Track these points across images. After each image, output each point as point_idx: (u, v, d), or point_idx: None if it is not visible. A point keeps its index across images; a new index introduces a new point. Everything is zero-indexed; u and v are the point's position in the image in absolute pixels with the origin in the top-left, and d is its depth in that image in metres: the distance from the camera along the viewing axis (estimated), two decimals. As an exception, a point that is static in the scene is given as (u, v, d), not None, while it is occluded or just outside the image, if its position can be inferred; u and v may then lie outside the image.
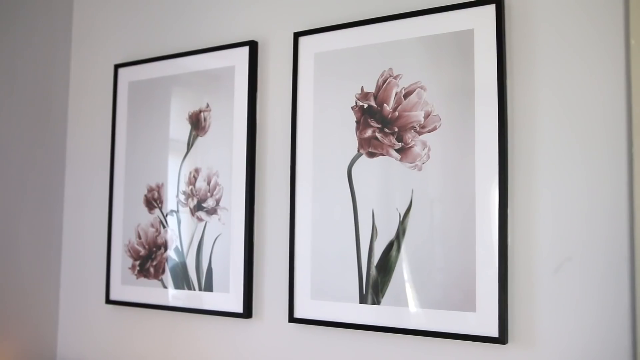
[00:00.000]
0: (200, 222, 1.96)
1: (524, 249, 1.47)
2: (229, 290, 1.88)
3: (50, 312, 2.28)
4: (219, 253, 1.91)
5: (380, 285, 1.62)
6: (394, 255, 1.61)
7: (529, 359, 1.44)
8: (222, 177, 1.93)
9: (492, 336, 1.47)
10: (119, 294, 2.13)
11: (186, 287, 1.97)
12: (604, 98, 1.41)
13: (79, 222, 2.30)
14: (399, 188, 1.62)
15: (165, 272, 2.03)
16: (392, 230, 1.62)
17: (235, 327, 1.88)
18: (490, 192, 1.49)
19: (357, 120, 1.70)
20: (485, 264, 1.48)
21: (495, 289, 1.47)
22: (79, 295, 2.26)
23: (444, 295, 1.54)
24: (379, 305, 1.62)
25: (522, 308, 1.46)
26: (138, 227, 2.11)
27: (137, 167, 2.14)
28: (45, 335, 2.26)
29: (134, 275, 2.10)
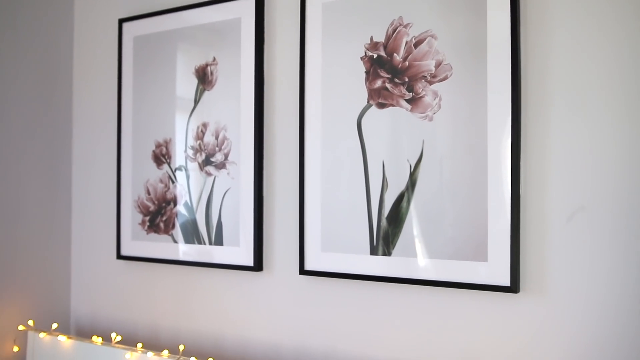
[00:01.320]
0: (209, 177, 1.96)
1: (537, 199, 1.46)
2: (239, 244, 1.88)
3: (63, 269, 2.30)
4: (228, 207, 1.91)
5: (391, 237, 1.62)
6: (405, 207, 1.61)
7: (540, 308, 1.45)
8: (230, 131, 1.92)
9: (503, 285, 1.47)
10: (130, 250, 2.14)
11: (196, 242, 1.98)
12: (620, 45, 1.38)
13: (87, 179, 2.30)
14: (409, 139, 1.60)
15: (175, 227, 2.03)
16: (402, 181, 1.61)
17: (246, 281, 1.89)
18: (502, 142, 1.47)
19: (367, 70, 1.67)
20: (497, 214, 1.48)
21: (507, 239, 1.46)
22: (90, 251, 2.27)
23: (455, 245, 1.53)
24: (389, 256, 1.62)
25: (534, 258, 1.46)
26: (147, 183, 2.11)
27: (145, 123, 2.12)
28: (59, 291, 2.28)
29: (144, 231, 2.11)
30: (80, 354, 2.00)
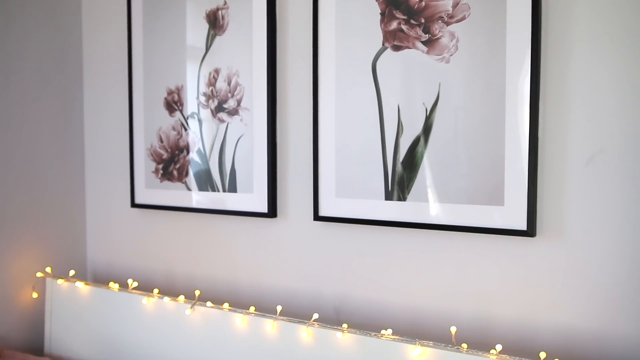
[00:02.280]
0: (221, 124, 1.94)
1: (555, 141, 1.43)
2: (253, 191, 1.88)
3: (78, 217, 2.32)
4: (241, 154, 1.90)
5: (406, 182, 1.61)
6: (420, 151, 1.58)
7: (557, 251, 1.44)
8: (243, 76, 1.89)
9: (519, 229, 1.45)
10: (144, 198, 2.15)
11: (210, 189, 1.97)
12: (647, -22, 1.33)
13: (100, 129, 2.29)
14: (425, 82, 1.57)
15: (188, 175, 2.03)
16: (418, 125, 1.58)
17: (260, 227, 1.89)
18: (521, 83, 1.43)
19: (382, 12, 1.62)
20: (514, 157, 1.45)
21: (525, 183, 1.44)
22: (105, 200, 2.28)
23: (471, 190, 1.52)
24: (404, 201, 1.61)
25: (552, 201, 1.44)
26: (159, 131, 2.10)
27: (156, 70, 2.09)
28: (75, 239, 2.31)
29: (157, 179, 2.11)
30: (97, 299, 2.03)
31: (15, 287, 2.11)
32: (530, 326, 1.46)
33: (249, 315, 1.71)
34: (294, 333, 1.62)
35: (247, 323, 1.70)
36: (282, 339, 1.65)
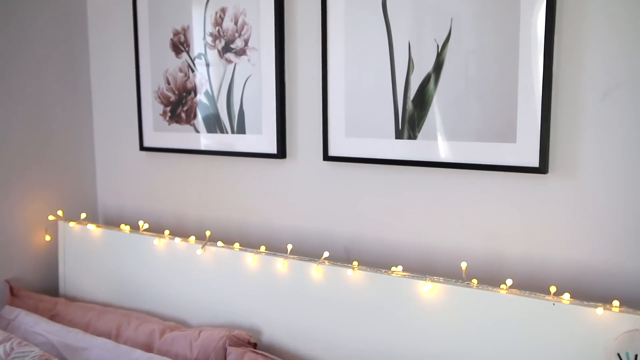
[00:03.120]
0: (229, 64, 1.91)
1: (570, 76, 1.40)
2: (261, 132, 1.86)
3: (87, 161, 2.32)
4: (250, 95, 1.88)
5: (416, 120, 1.59)
6: (431, 89, 1.56)
7: (568, 188, 1.43)
8: (250, 15, 1.85)
9: (532, 166, 1.44)
10: (152, 141, 2.14)
11: (218, 131, 1.96)
12: None
13: (106, 71, 2.26)
14: (436, 17, 1.53)
15: (196, 117, 2.01)
16: (429, 62, 1.55)
17: (269, 168, 1.89)
18: (535, 16, 1.39)
19: (393, -56, 1.57)
20: (527, 93, 1.43)
21: (538, 119, 1.42)
22: (113, 143, 2.28)
23: (482, 127, 1.50)
24: (415, 140, 1.60)
25: (565, 137, 1.42)
26: (166, 73, 2.07)
27: (161, 10, 2.06)
28: (85, 183, 2.32)
29: (165, 122, 2.09)
30: (109, 241, 2.05)
31: (28, 231, 2.13)
32: (540, 262, 1.47)
33: (259, 255, 1.72)
34: (304, 271, 1.64)
35: (258, 262, 1.72)
36: (293, 277, 1.66)
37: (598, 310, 1.26)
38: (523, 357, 1.35)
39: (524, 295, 1.35)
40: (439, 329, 1.45)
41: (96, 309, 1.99)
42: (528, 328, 1.34)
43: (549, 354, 1.32)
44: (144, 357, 1.64)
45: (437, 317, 1.45)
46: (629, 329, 1.23)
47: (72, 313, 1.98)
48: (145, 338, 1.78)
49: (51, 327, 1.83)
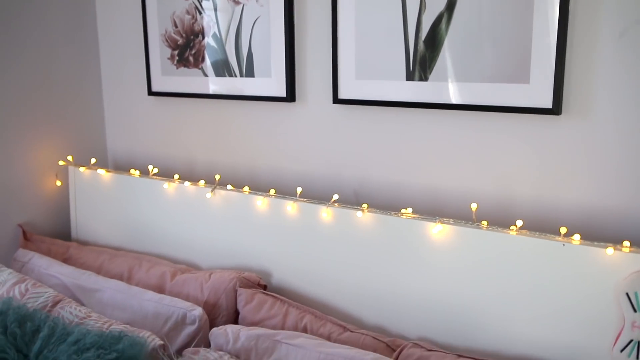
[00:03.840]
0: (237, 6, 1.87)
1: (587, 13, 1.35)
2: (270, 75, 1.84)
3: (96, 106, 2.31)
4: (258, 37, 1.85)
5: (428, 61, 1.56)
6: (444, 29, 1.52)
7: (582, 130, 1.40)
8: (258, -46, 1.80)
9: (545, 107, 1.42)
10: (161, 85, 2.12)
11: (227, 75, 1.94)
12: None
13: (112, 15, 2.23)
14: (451, -47, 1.48)
15: (205, 61, 1.98)
16: (441, 1, 1.51)
17: (279, 112, 1.87)
18: (554, -50, 1.35)
19: None
20: (542, 31, 1.39)
21: (552, 58, 1.38)
22: (121, 88, 2.26)
23: (495, 67, 1.47)
24: (426, 81, 1.57)
25: (579, 77, 1.39)
26: (173, 15, 2.03)
27: (167, -50, 2.01)
28: (94, 129, 2.31)
29: (173, 66, 2.07)
30: (119, 186, 2.06)
31: (39, 176, 2.14)
32: (551, 203, 1.46)
33: (269, 198, 1.72)
34: (314, 214, 1.64)
35: (267, 205, 1.72)
36: (302, 219, 1.67)
37: (608, 251, 1.26)
38: (533, 297, 1.36)
39: (534, 236, 1.35)
40: (448, 270, 1.46)
41: (108, 252, 2.01)
42: (538, 268, 1.34)
43: (559, 294, 1.32)
44: (156, 298, 1.66)
45: (446, 258, 1.46)
46: (639, 269, 1.23)
47: (84, 256, 2.01)
48: (156, 280, 1.80)
49: (64, 270, 1.86)
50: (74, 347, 1.31)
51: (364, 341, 1.47)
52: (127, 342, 1.34)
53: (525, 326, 1.37)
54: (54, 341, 1.34)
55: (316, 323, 1.55)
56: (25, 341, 1.35)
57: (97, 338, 1.34)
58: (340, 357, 1.36)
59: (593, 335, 1.29)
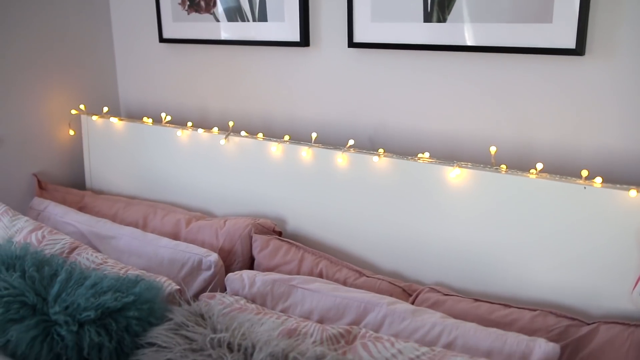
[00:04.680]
0: (249, -53, 1.82)
1: (615, -53, 1.30)
2: (284, 19, 1.79)
3: (107, 55, 2.28)
4: (271, -21, 1.80)
5: (446, 1, 1.51)
6: (464, -34, 1.47)
7: (605, 71, 1.36)
8: None
9: (568, 48, 1.37)
10: (172, 32, 2.08)
11: (239, 19, 1.89)
12: None
13: (121, -41, 2.18)
14: None
15: (216, 5, 1.94)
16: (462, -64, 1.45)
17: (292, 57, 1.83)
18: None
19: None
20: (567, -33, 1.34)
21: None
22: (132, 36, 2.22)
23: (517, 6, 1.42)
24: (444, 22, 1.52)
25: (605, 16, 1.33)
26: (183, -42, 1.98)
27: None
28: (105, 77, 2.28)
29: (185, 11, 2.02)
30: (132, 134, 2.05)
31: (52, 126, 2.13)
32: (572, 146, 1.43)
33: (283, 144, 1.70)
34: (329, 159, 1.62)
35: (282, 151, 1.70)
36: (318, 165, 1.65)
37: (631, 193, 1.23)
38: (552, 241, 1.34)
39: (554, 179, 1.33)
40: (465, 215, 1.44)
41: (123, 201, 2.01)
42: (557, 212, 1.32)
43: (579, 238, 1.31)
44: (171, 244, 1.66)
45: (464, 202, 1.44)
46: (662, 212, 1.21)
47: (99, 205, 2.01)
48: (171, 227, 1.81)
49: (80, 217, 1.87)
50: (91, 290, 1.31)
51: (380, 286, 1.47)
52: (144, 285, 1.35)
53: (543, 271, 1.36)
54: (71, 285, 1.34)
55: (332, 268, 1.55)
56: (43, 285, 1.35)
57: (114, 282, 1.34)
58: (356, 301, 1.37)
59: (613, 279, 1.28)
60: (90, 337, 1.25)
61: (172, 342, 1.21)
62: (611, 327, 1.23)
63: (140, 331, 1.28)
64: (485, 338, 1.21)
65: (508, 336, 1.20)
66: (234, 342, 1.17)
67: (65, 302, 1.30)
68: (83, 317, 1.26)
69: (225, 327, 1.22)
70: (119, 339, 1.27)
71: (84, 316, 1.26)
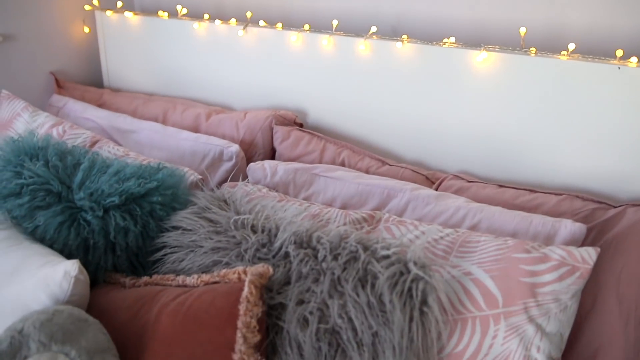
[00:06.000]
0: None
1: None
2: None
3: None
4: None
5: None
6: None
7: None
8: None
9: None
10: None
11: None
12: None
13: None
14: None
15: None
16: None
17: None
18: None
19: None
20: None
21: None
22: None
23: None
24: None
25: None
26: None
27: None
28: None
29: None
30: (148, 28, 2.00)
31: (66, 23, 2.08)
32: (607, 26, 1.36)
33: (303, 33, 1.65)
34: (351, 47, 1.57)
35: (302, 41, 1.65)
36: (339, 54, 1.60)
37: (668, 70, 1.18)
38: (583, 125, 1.30)
39: (586, 60, 1.27)
40: (492, 101, 1.40)
41: (142, 97, 1.99)
42: (589, 95, 1.28)
43: (609, 120, 1.27)
44: (192, 136, 1.65)
45: (491, 88, 1.39)
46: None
47: (118, 102, 1.99)
48: (191, 122, 1.79)
49: (100, 113, 1.85)
50: (114, 177, 1.31)
51: (402, 174, 1.46)
52: (166, 172, 1.35)
53: (571, 156, 1.33)
54: (95, 172, 1.34)
55: (354, 158, 1.53)
56: (67, 173, 1.35)
57: (137, 169, 1.34)
58: (379, 188, 1.36)
59: (643, 162, 1.25)
60: (116, 221, 1.26)
61: (196, 224, 1.22)
62: (638, 210, 1.21)
63: (165, 216, 1.29)
64: (510, 220, 1.20)
65: (533, 218, 1.19)
66: (257, 224, 1.17)
67: (89, 189, 1.30)
68: (107, 202, 1.27)
69: (248, 210, 1.22)
70: (144, 224, 1.28)
71: (109, 202, 1.27)
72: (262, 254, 1.12)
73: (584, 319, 1.17)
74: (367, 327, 0.99)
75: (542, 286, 1.02)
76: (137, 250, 1.29)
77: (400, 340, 0.97)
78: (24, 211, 1.30)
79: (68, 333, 0.96)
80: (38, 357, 0.92)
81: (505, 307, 1.02)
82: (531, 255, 1.05)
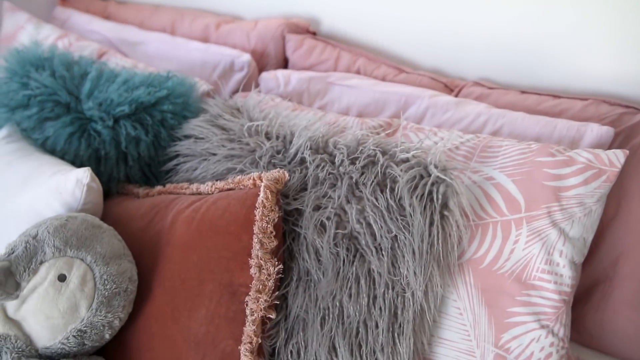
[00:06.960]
0: None
1: None
2: None
3: None
4: None
5: None
6: None
7: None
8: None
9: None
10: None
11: None
12: None
13: None
14: None
15: None
16: None
17: None
18: None
19: None
20: None
21: None
22: None
23: None
24: None
25: None
26: None
27: None
28: None
29: None
30: None
31: None
32: None
33: None
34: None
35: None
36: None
37: None
38: (610, 25, 1.23)
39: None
40: (513, 3, 1.32)
41: (148, 8, 1.91)
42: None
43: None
44: (202, 47, 1.59)
45: (514, -12, 1.32)
46: None
47: (123, 14, 1.92)
48: (200, 32, 1.72)
49: (106, 25, 1.79)
50: (123, 86, 1.27)
51: (420, 82, 1.40)
52: (176, 80, 1.31)
53: (597, 59, 1.27)
54: (103, 82, 1.30)
55: (370, 66, 1.47)
56: (75, 84, 1.31)
57: (146, 77, 1.30)
58: (396, 95, 1.31)
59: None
60: (127, 131, 1.23)
61: (208, 132, 1.18)
62: (668, 114, 1.17)
63: (176, 125, 1.26)
64: (533, 125, 1.16)
65: (558, 122, 1.15)
66: (271, 131, 1.14)
67: (98, 99, 1.27)
68: (117, 112, 1.24)
69: (262, 118, 1.18)
70: (155, 133, 1.25)
71: (118, 111, 1.24)
72: (277, 161, 1.10)
73: (605, 226, 1.15)
74: (386, 231, 0.97)
75: (566, 190, 0.99)
76: (150, 160, 1.27)
77: (420, 244, 0.95)
78: (33, 123, 1.27)
79: (82, 239, 0.95)
80: (54, 261, 0.91)
81: (527, 211, 1.00)
82: (556, 159, 1.01)
